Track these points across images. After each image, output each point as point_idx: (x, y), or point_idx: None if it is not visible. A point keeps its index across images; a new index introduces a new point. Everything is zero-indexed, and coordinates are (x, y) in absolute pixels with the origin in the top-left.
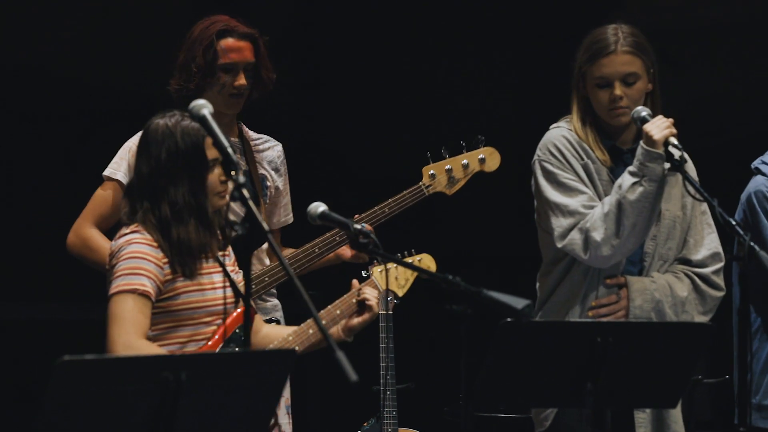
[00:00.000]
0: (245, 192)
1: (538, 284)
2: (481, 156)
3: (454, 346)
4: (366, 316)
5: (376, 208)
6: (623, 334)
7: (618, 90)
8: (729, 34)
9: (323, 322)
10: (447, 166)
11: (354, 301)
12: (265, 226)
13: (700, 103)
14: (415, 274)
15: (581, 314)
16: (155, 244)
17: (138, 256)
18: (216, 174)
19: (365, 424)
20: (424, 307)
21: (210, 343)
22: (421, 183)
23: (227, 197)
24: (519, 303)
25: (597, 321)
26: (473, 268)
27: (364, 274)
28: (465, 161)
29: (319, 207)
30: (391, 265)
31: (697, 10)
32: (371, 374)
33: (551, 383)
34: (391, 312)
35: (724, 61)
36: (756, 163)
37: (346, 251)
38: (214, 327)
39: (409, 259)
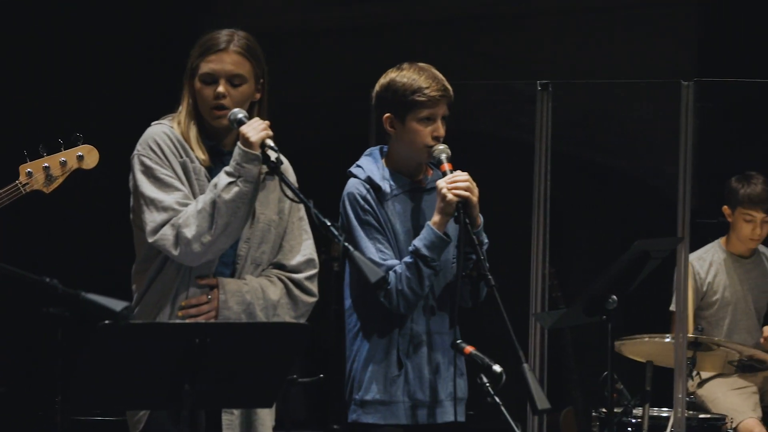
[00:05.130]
0: None
1: (134, 284)
2: (79, 153)
3: (52, 349)
4: None
5: None
6: (222, 335)
7: (222, 87)
8: (324, 39)
9: None
10: (44, 164)
11: None
12: None
13: (296, 105)
14: None
15: (171, 314)
16: None
17: None
18: None
19: None
20: (20, 309)
21: None
22: (17, 181)
23: None
24: (118, 305)
25: (196, 322)
26: (72, 271)
27: None
28: (63, 159)
29: None
30: None
31: (291, 14)
32: None
33: (150, 385)
34: None
35: (316, 64)
36: (351, 167)
37: None
38: None
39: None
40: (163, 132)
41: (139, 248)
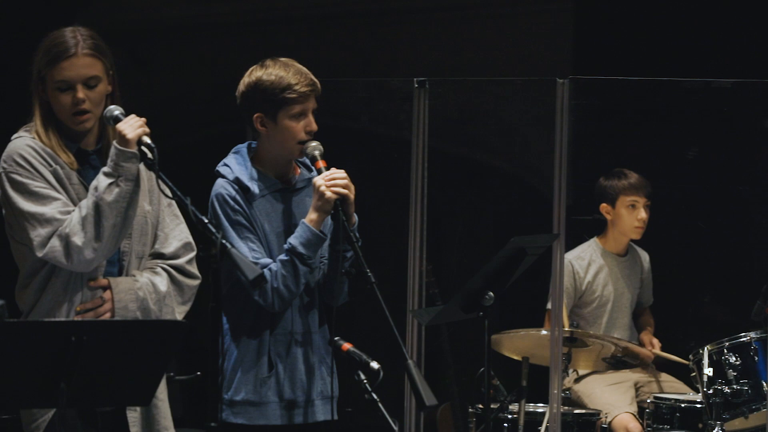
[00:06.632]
0: None
1: (17, 298)
2: None
3: None
4: None
5: None
6: (98, 333)
7: (80, 93)
8: (196, 35)
9: None
10: None
11: None
12: None
13: (169, 101)
14: None
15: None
16: None
17: None
18: None
19: None
20: None
21: None
22: None
23: None
24: None
25: (72, 320)
26: None
27: None
28: None
29: None
30: None
31: (164, 10)
32: None
33: (25, 384)
34: None
35: (191, 60)
36: (218, 166)
37: None
38: None
39: None
40: (27, 144)
41: (22, 263)
